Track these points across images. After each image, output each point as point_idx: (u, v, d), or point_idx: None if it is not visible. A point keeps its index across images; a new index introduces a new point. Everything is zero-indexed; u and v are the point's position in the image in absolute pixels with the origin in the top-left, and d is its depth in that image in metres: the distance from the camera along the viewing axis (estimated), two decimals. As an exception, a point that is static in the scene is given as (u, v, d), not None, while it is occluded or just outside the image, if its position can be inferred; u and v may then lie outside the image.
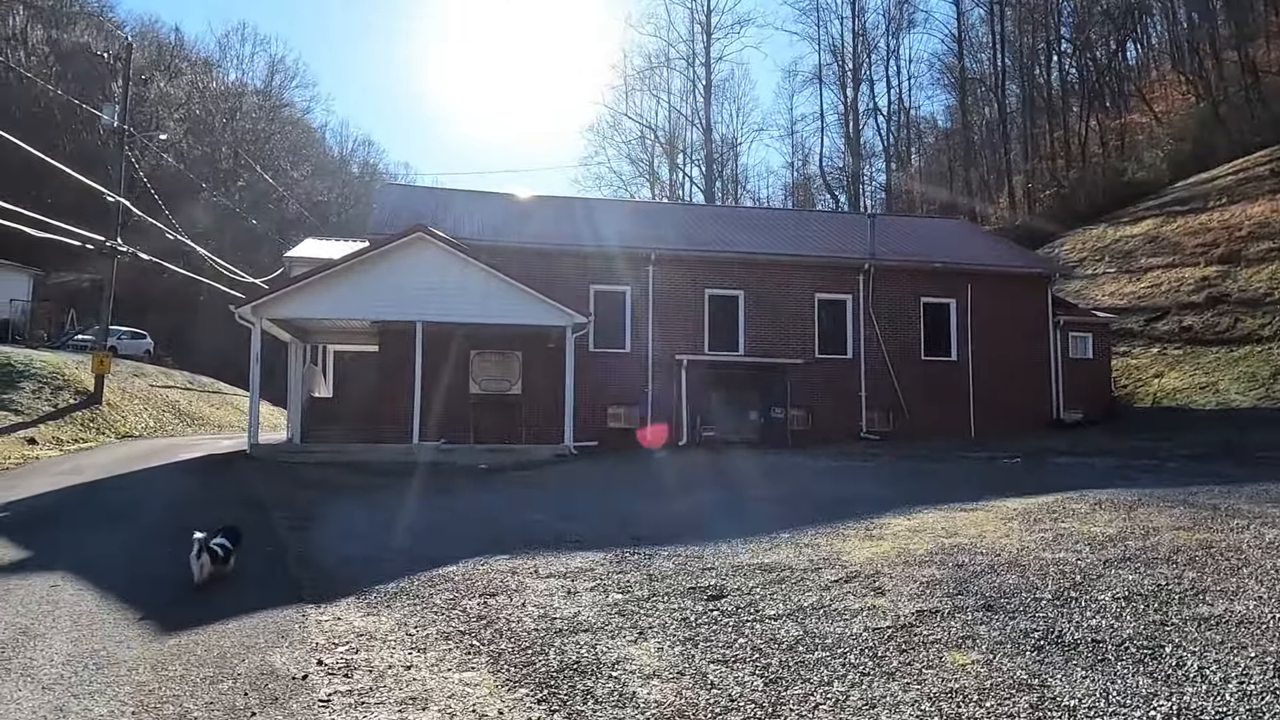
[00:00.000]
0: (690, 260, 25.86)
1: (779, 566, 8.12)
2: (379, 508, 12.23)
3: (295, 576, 8.15)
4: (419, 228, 20.36)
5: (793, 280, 26.28)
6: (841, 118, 73.16)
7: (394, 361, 23.99)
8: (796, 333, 26.11)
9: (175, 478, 15.58)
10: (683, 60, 71.58)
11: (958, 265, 27.39)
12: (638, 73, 78.50)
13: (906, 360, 26.69)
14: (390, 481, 15.88)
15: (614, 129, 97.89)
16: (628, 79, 79.38)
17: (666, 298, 25.59)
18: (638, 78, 76.44)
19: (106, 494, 13.35)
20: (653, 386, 25.23)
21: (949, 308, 27.22)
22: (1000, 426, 26.32)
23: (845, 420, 25.98)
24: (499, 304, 20.60)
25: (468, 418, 23.90)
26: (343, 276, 20.17)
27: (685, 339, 25.46)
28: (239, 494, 13.69)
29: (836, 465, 16.73)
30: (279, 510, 11.84)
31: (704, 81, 69.98)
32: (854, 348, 26.57)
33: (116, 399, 29.04)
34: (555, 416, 24.32)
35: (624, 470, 16.75)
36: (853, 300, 26.68)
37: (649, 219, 29.61)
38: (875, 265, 26.57)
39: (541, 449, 21.19)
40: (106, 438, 25.30)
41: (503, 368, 24.59)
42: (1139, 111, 60.18)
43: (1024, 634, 5.92)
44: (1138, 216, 48.54)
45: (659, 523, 10.64)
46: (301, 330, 24.34)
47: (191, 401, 35.14)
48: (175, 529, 10.38)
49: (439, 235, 20.67)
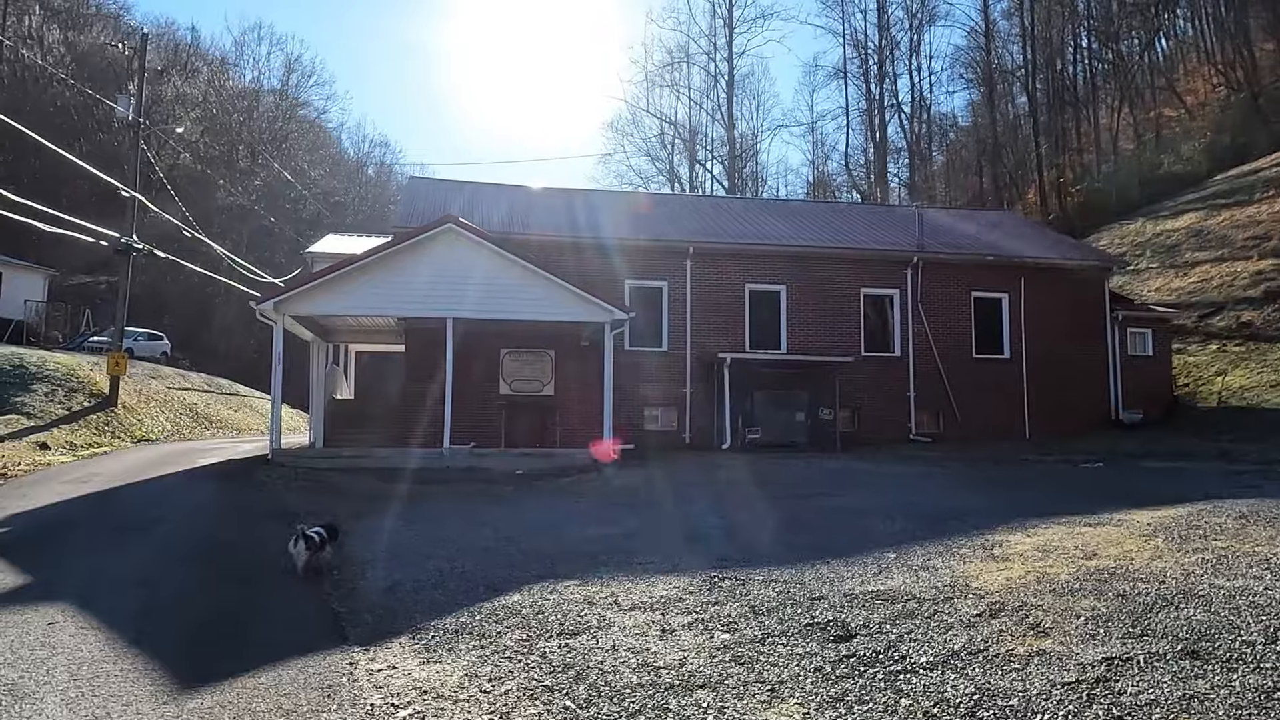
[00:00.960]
0: (730, 253, 24.62)
1: (901, 595, 6.88)
2: (418, 520, 11.05)
3: (336, 609, 6.96)
4: (449, 219, 19.21)
5: (837, 274, 24.99)
6: (864, 114, 71.85)
7: (420, 361, 22.87)
8: (841, 329, 24.83)
9: (193, 486, 14.46)
10: (704, 55, 70.47)
11: (1010, 258, 26.02)
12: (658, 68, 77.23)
13: (956, 358, 25.35)
14: (424, 490, 14.72)
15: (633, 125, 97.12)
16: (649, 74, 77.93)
17: (705, 293, 24.36)
18: (658, 73, 75.31)
19: (119, 506, 12.22)
20: (691, 387, 24.02)
21: (1001, 303, 25.85)
22: (1055, 428, 24.95)
23: (893, 422, 24.68)
24: (535, 300, 19.41)
25: (497, 420, 22.74)
26: (369, 271, 19.03)
27: (725, 336, 24.22)
28: (264, 504, 12.55)
29: (906, 471, 15.45)
30: (310, 521, 10.67)
31: (726, 76, 68.88)
32: (901, 345, 25.25)
33: (132, 401, 28.06)
34: (590, 419, 23.12)
35: (674, 477, 15.52)
36: (900, 295, 25.36)
37: (683, 211, 28.38)
38: (924, 258, 25.24)
39: (578, 454, 19.98)
40: (121, 442, 24.29)
41: (534, 368, 23.41)
42: (1169, 105, 58.68)
43: (1265, 693, 4.67)
44: (1178, 210, 47.13)
45: (736, 539, 9.42)
46: (324, 329, 23.24)
47: (209, 404, 34.16)
48: (194, 548, 9.24)
49: (471, 227, 19.50)
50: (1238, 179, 46.89)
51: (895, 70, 70.94)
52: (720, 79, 68.98)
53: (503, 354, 23.24)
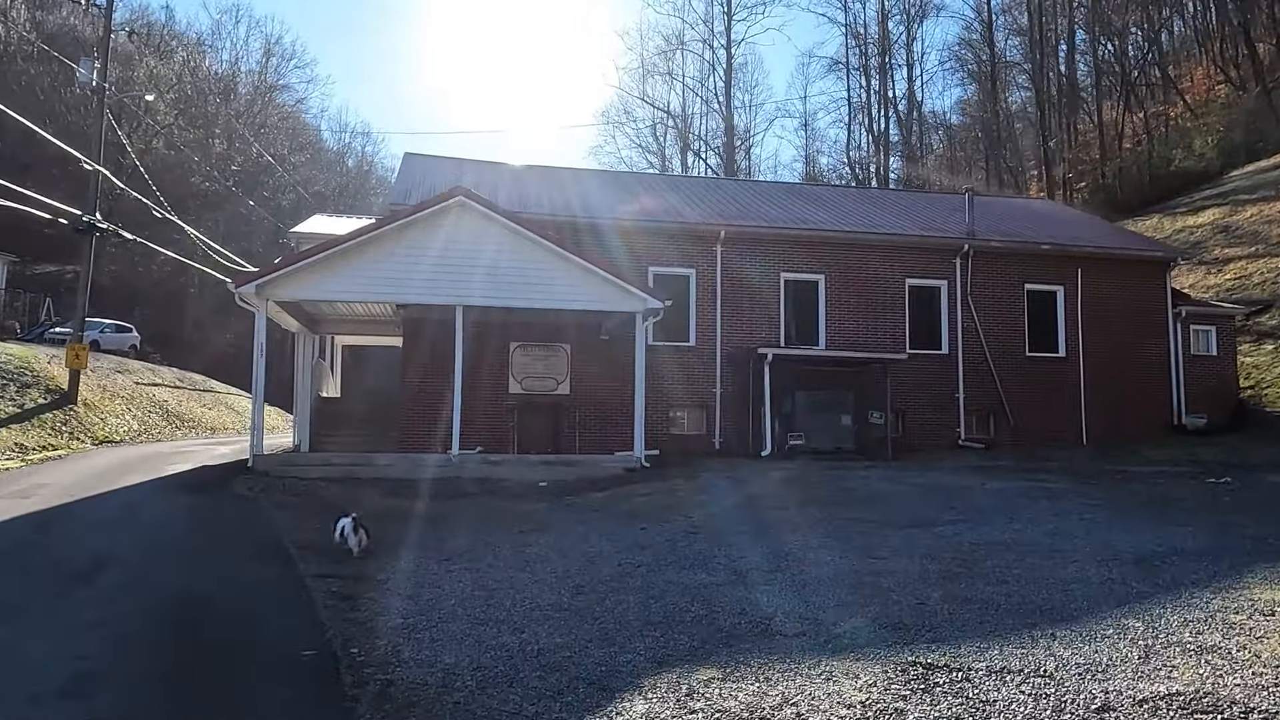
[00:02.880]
0: (765, 239, 22.22)
1: (1217, 700, 4.52)
2: (453, 557, 8.55)
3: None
4: (460, 190, 16.68)
5: (880, 263, 22.66)
6: (863, 107, 69.86)
7: (420, 355, 20.33)
8: (885, 324, 22.51)
9: (159, 503, 11.86)
10: (700, 42, 67.97)
11: (1067, 246, 23.79)
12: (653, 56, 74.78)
13: (1008, 356, 23.11)
14: (439, 508, 12.23)
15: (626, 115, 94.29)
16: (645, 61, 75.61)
17: (737, 282, 21.95)
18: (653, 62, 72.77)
19: (62, 533, 9.61)
20: (721, 387, 21.61)
21: (1055, 296, 23.63)
22: (1114, 432, 22.77)
23: (940, 426, 22.39)
24: (559, 286, 16.93)
25: (507, 422, 20.25)
26: (366, 251, 16.48)
27: (758, 331, 21.84)
28: (248, 530, 10.01)
29: (1003, 486, 13.11)
30: (310, 561, 8.18)
31: (724, 64, 66.49)
32: (949, 342, 22.96)
33: (95, 398, 25.29)
34: (611, 421, 20.70)
35: (734, 493, 13.10)
36: (948, 287, 23.07)
37: (708, 194, 25.92)
38: (974, 246, 22.96)
39: (603, 461, 17.55)
40: (81, 444, 21.56)
41: (548, 364, 20.92)
42: (1172, 102, 57.23)
43: None
44: (1196, 206, 45.55)
45: (887, 593, 7.02)
46: (311, 317, 20.64)
47: (181, 401, 31.37)
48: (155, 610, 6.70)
49: (485, 200, 16.98)
50: (1258, 175, 45.45)
51: (895, 62, 68.95)
52: (718, 67, 66.61)
53: (512, 348, 20.74)
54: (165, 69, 60.35)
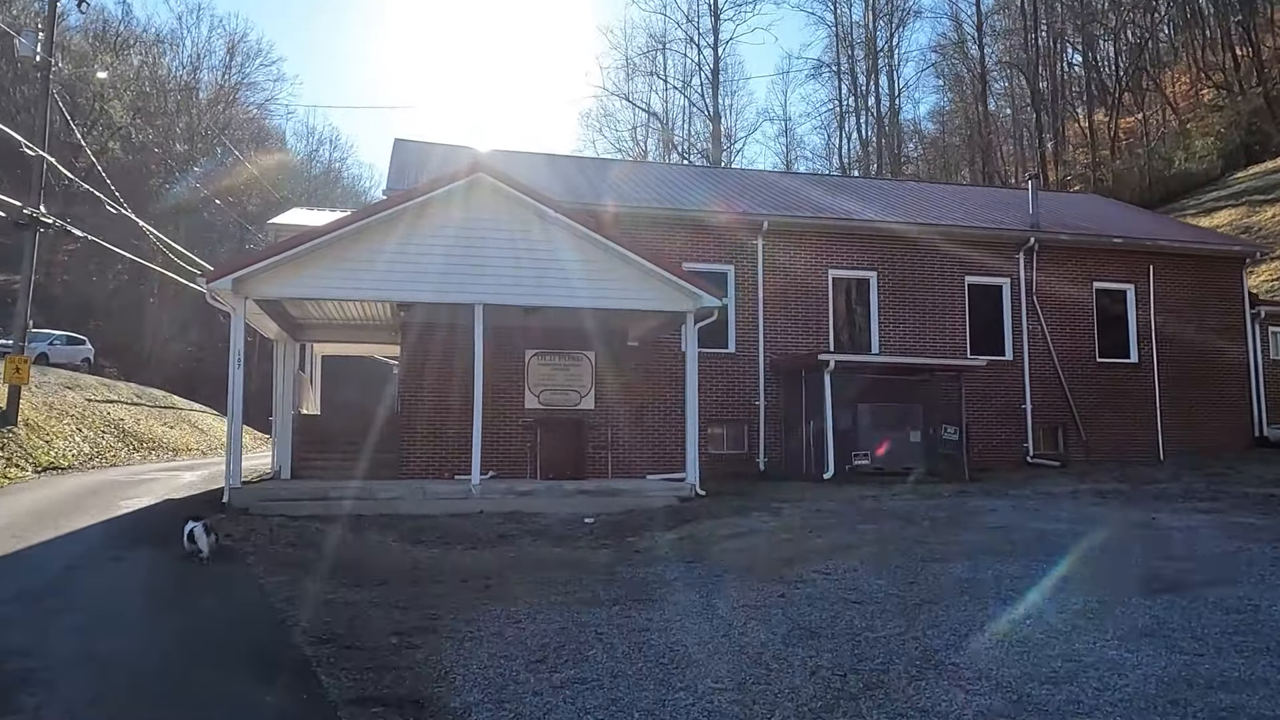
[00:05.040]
0: (811, 232, 19.66)
1: None
2: (547, 657, 5.71)
3: None
4: (479, 165, 13.87)
5: (937, 259, 20.20)
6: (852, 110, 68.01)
7: (424, 364, 17.56)
8: (943, 327, 20.05)
9: (106, 566, 8.83)
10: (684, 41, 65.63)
11: (1141, 241, 21.51)
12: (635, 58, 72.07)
13: (1077, 363, 20.74)
14: (485, 561, 9.44)
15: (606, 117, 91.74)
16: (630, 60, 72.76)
17: (781, 281, 19.38)
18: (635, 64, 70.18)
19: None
20: (766, 399, 18.99)
21: (1126, 296, 21.32)
22: (1191, 445, 20.49)
23: (1005, 441, 19.94)
24: (599, 279, 14.16)
25: (523, 442, 17.47)
26: (365, 239, 13.62)
27: (805, 334, 19.29)
28: (235, 613, 7.06)
29: (1187, 522, 10.51)
30: (339, 670, 5.35)
31: (710, 65, 64.24)
32: (1013, 346, 20.54)
33: (39, 418, 22.06)
34: (643, 440, 18.04)
35: (843, 531, 10.40)
36: (1010, 285, 20.66)
37: (739, 185, 23.26)
38: (1040, 240, 20.58)
39: (650, 489, 14.80)
40: (20, 471, 18.38)
41: (570, 374, 18.16)
42: (1160, 105, 56.08)
43: None
44: (1207, 208, 44.30)
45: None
46: (293, 321, 17.69)
47: (140, 420, 28.10)
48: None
49: (509, 178, 14.19)
50: (1269, 176, 44.35)
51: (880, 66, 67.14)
52: (704, 67, 64.34)
53: (529, 357, 17.96)
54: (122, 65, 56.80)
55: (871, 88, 67.20)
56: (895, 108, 67.29)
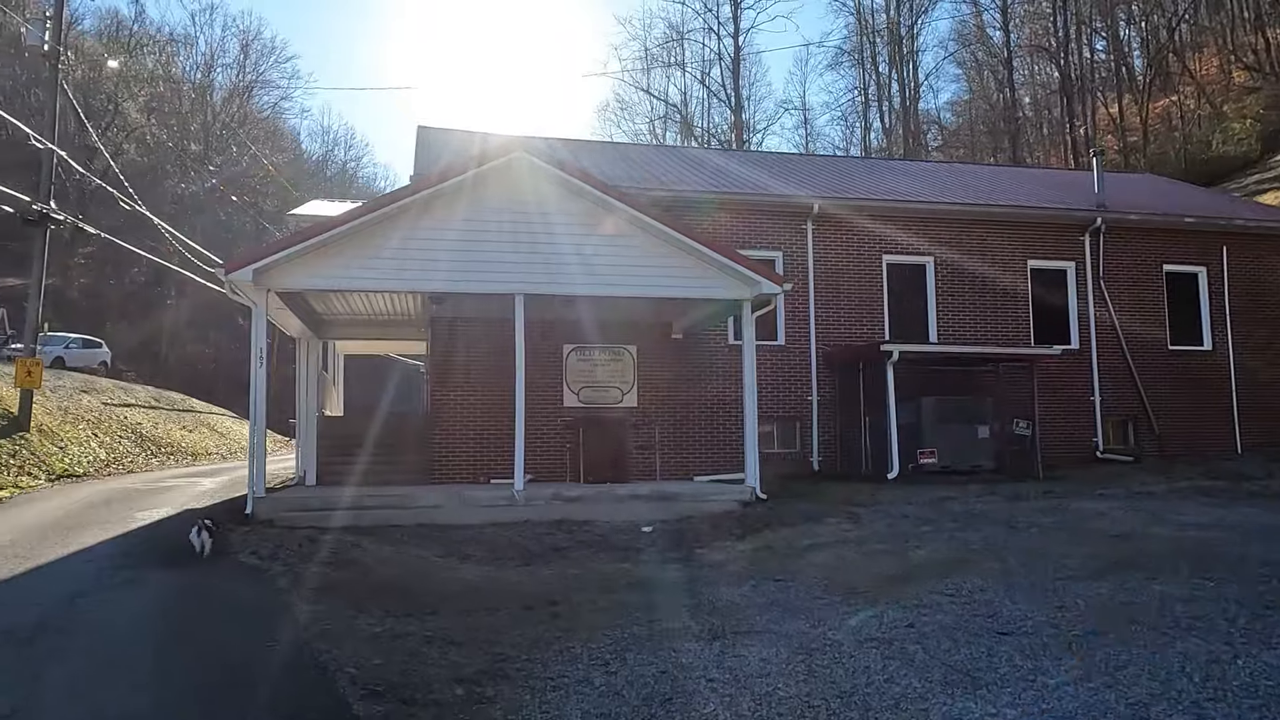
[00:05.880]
0: (863, 215, 18.43)
1: None
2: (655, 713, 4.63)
3: None
4: (519, 145, 12.71)
5: (997, 242, 18.95)
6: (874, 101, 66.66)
7: (454, 361, 16.49)
8: (1004, 315, 18.80)
9: (118, 592, 7.75)
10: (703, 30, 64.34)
11: (1214, 220, 20.17)
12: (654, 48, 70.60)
13: (1147, 351, 19.43)
14: (547, 581, 8.32)
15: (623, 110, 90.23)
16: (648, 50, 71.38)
17: (832, 267, 18.18)
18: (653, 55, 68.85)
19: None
20: (819, 394, 17.81)
21: (1198, 280, 19.98)
22: (1272, 439, 19.17)
23: (1072, 435, 18.64)
24: (646, 265, 13.00)
25: (560, 442, 16.33)
26: (394, 225, 12.50)
27: (858, 324, 18.10)
28: (268, 653, 5.94)
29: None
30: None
31: (730, 54, 62.99)
32: (1079, 334, 19.25)
33: (53, 423, 21.14)
34: (689, 439, 16.92)
35: (940, 541, 9.23)
36: (1076, 269, 19.37)
37: (784, 169, 22.03)
38: (1108, 220, 19.28)
39: (708, 493, 13.65)
40: (33, 480, 17.44)
41: (610, 370, 17.03)
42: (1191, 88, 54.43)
43: None
44: (1250, 190, 42.94)
45: None
46: (317, 317, 16.63)
47: (157, 424, 27.19)
48: None
49: (551, 157, 13.05)
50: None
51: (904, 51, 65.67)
52: (724, 56, 63.09)
53: (567, 352, 16.85)
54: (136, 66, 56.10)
55: (894, 76, 65.81)
56: (916, 96, 65.86)
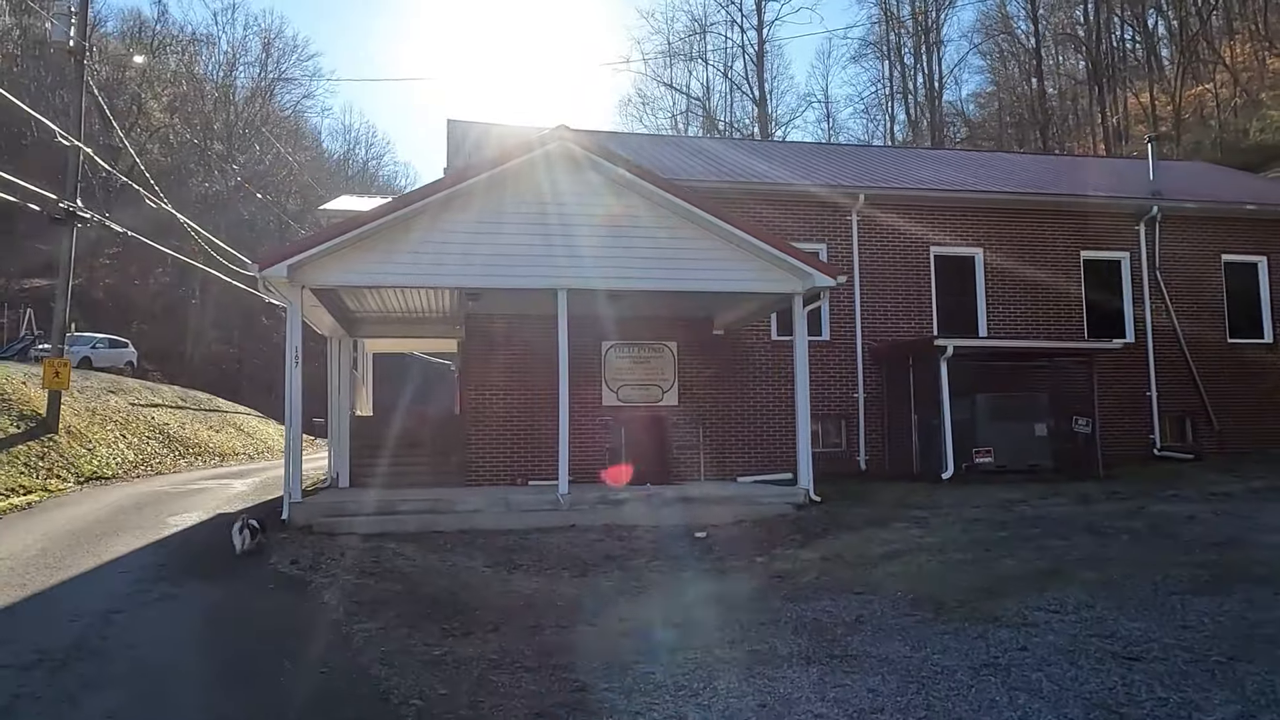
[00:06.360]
0: (910, 205, 17.79)
1: None
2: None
3: None
4: (561, 131, 12.17)
5: (1049, 232, 18.25)
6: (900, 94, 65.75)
7: (488, 359, 16.00)
8: (1057, 308, 18.11)
9: (150, 613, 7.20)
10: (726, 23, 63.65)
11: (1276, 209, 19.36)
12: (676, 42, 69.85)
13: (1206, 345, 18.67)
14: (601, 592, 7.79)
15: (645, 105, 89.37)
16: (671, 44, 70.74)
17: (877, 259, 17.56)
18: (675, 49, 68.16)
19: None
20: (865, 390, 17.19)
21: (1257, 269, 19.21)
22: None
23: (1128, 432, 17.91)
24: (693, 257, 12.44)
25: (599, 442, 15.79)
26: (432, 217, 11.99)
27: (905, 318, 17.49)
28: (320, 689, 5.40)
29: None
30: None
31: (754, 46, 62.22)
32: (1135, 328, 18.53)
33: (81, 424, 20.84)
34: (733, 440, 16.39)
35: (1032, 553, 8.62)
36: (1130, 260, 18.64)
37: (822, 160, 21.42)
38: (1164, 209, 18.53)
39: (758, 495, 13.08)
40: (61, 482, 17.11)
41: (649, 367, 16.48)
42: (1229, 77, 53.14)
43: None
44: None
45: None
46: (350, 315, 16.18)
47: (185, 424, 26.91)
48: None
49: (596, 145, 12.51)
50: (1357, 145, 41.81)
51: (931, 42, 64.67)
52: (748, 49, 62.34)
53: (605, 348, 16.31)
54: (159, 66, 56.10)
55: (919, 68, 64.83)
56: (941, 88, 64.84)
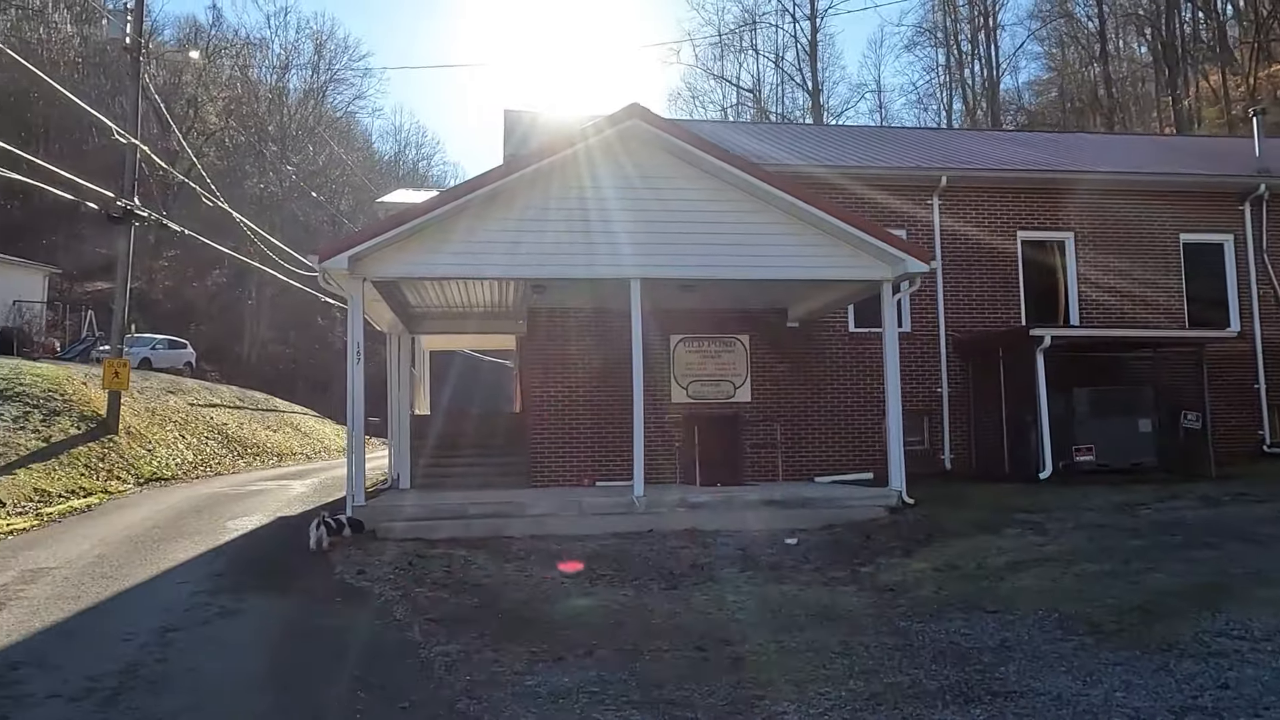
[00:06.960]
0: (994, 189, 16.72)
1: None
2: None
3: None
4: (636, 108, 11.43)
5: (1145, 214, 17.04)
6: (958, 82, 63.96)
7: (549, 356, 15.30)
8: (1155, 295, 16.87)
9: (210, 630, 6.51)
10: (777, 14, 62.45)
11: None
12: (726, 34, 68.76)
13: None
14: (698, 609, 7.05)
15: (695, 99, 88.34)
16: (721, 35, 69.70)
17: (961, 245, 16.52)
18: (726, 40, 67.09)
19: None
20: (950, 385, 16.20)
21: (1369, 252, 17.80)
22: None
23: (1234, 427, 16.61)
24: (775, 244, 11.63)
25: (670, 443, 14.99)
26: (496, 206, 11.34)
27: (991, 308, 16.44)
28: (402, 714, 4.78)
29: None
30: None
31: (807, 36, 60.87)
32: (1240, 315, 17.25)
33: (141, 425, 20.67)
34: (809, 438, 15.52)
35: (1156, 552, 7.70)
36: (1234, 243, 17.35)
37: (897, 144, 20.38)
38: (1272, 187, 17.22)
39: (849, 499, 12.21)
40: (121, 484, 16.86)
41: (720, 362, 15.66)
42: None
43: None
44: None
45: None
46: (409, 309, 15.62)
47: (242, 424, 26.75)
48: None
49: (669, 126, 11.75)
50: None
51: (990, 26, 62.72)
52: (800, 40, 61.01)
53: (674, 343, 15.53)
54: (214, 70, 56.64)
55: (975, 55, 62.98)
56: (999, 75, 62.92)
